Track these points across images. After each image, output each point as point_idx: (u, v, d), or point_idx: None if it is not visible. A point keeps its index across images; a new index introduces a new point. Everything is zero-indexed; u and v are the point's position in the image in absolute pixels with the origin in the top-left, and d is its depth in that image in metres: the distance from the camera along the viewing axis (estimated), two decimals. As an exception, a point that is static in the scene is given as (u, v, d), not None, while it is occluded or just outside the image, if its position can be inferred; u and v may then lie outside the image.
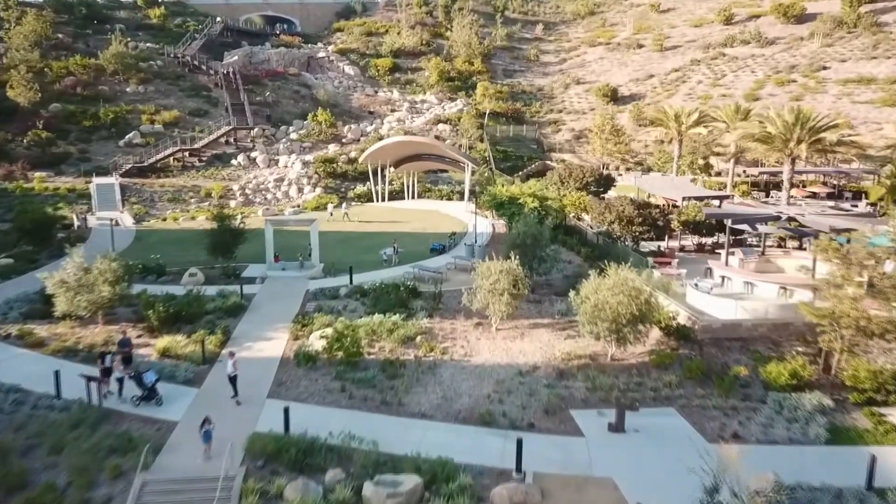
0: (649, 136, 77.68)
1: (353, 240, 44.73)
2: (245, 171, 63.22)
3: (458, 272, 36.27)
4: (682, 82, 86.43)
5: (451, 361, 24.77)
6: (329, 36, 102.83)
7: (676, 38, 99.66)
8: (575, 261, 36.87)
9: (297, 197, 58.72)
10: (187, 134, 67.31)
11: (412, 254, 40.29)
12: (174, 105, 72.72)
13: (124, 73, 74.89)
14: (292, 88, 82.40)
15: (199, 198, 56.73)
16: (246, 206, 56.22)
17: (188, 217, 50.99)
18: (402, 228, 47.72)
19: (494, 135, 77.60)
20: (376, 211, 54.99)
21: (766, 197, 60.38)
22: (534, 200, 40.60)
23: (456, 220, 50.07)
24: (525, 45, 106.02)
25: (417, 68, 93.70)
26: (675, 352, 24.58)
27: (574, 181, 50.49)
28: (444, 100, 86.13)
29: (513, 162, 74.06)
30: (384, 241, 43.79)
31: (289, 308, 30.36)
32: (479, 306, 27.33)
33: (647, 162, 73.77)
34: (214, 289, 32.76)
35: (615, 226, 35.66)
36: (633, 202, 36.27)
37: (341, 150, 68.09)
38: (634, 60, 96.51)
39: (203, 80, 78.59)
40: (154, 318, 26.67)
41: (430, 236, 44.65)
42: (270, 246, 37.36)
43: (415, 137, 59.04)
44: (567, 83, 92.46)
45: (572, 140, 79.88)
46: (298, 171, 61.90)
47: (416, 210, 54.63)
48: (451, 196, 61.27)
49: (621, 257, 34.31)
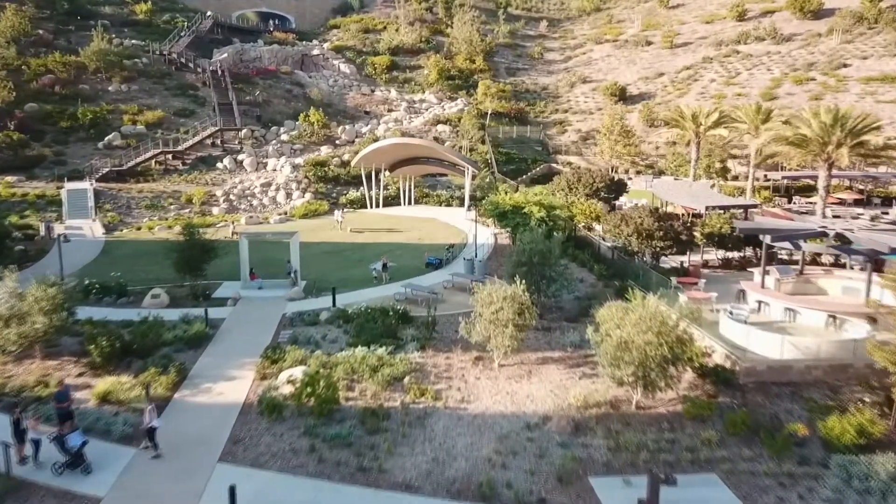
0: (660, 138, 73.62)
1: (343, 252, 40.75)
2: (231, 175, 59.27)
3: (456, 292, 32.30)
4: (693, 81, 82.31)
5: (445, 409, 20.76)
6: (325, 33, 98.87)
7: (687, 35, 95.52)
8: (587, 279, 32.84)
9: (285, 203, 54.74)
10: (171, 135, 63.35)
11: (405, 269, 36.35)
12: (159, 105, 68.76)
13: (107, 71, 70.92)
14: (284, 87, 78.44)
15: (179, 204, 52.76)
16: (229, 214, 52.27)
17: (164, 226, 47.00)
18: (395, 239, 43.73)
19: (497, 136, 73.59)
20: (369, 218, 51.00)
21: (789, 203, 56.38)
22: (540, 210, 36.61)
23: (454, 230, 46.06)
24: (529, 43, 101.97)
25: (416, 66, 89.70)
26: (713, 399, 20.52)
27: (583, 187, 46.48)
28: (444, 99, 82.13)
29: (516, 165, 70.01)
30: (376, 253, 39.84)
31: (259, 337, 26.40)
32: (479, 339, 23.35)
33: (659, 165, 69.70)
34: (180, 312, 28.83)
35: (632, 240, 31.62)
36: (653, 213, 32.23)
37: (334, 153, 64.12)
38: (643, 58, 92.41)
39: (190, 79, 74.60)
40: (97, 354, 22.70)
41: (426, 248, 40.67)
42: (245, 262, 33.43)
43: (411, 139, 55.07)
44: (573, 82, 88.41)
45: (579, 141, 75.80)
46: (287, 175, 57.94)
47: (412, 218, 50.64)
48: (450, 202, 57.27)
49: (640, 276, 30.30)
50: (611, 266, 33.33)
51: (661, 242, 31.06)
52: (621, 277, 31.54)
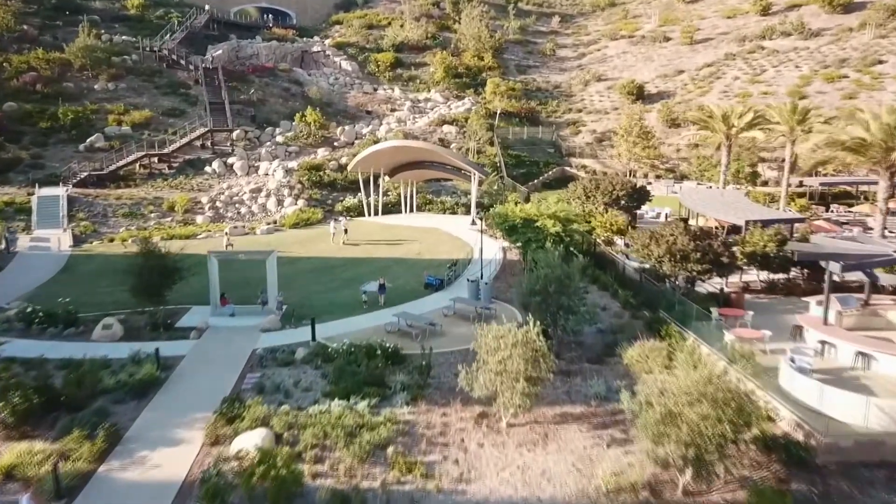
0: (681, 139, 68.80)
1: (332, 269, 36.31)
2: (220, 180, 55.03)
3: (458, 321, 27.81)
4: (716, 78, 77.34)
5: (439, 493, 16.26)
6: (326, 29, 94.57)
7: (707, 31, 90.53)
8: (611, 307, 28.23)
9: (275, 211, 50.42)
10: (158, 137, 59.21)
11: (402, 291, 31.95)
12: (147, 104, 64.65)
13: (93, 69, 66.92)
14: (281, 85, 74.17)
15: (160, 212, 48.54)
16: (214, 223, 48.01)
17: (140, 237, 42.68)
18: (392, 253, 39.24)
19: (506, 137, 69.03)
20: (367, 228, 46.54)
21: (827, 211, 51.49)
22: (555, 224, 32.03)
23: (459, 242, 41.51)
24: (540, 39, 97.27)
25: (421, 63, 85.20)
26: (785, 487, 15.91)
27: (602, 195, 41.84)
28: (451, 98, 77.60)
29: (527, 168, 65.45)
30: (370, 270, 35.44)
31: (220, 383, 21.99)
32: (483, 394, 18.86)
33: (681, 168, 64.92)
34: (135, 347, 24.53)
35: (664, 261, 26.98)
36: (688, 230, 27.54)
37: (331, 155, 59.77)
38: (661, 55, 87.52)
39: (182, 77, 70.49)
40: (8, 413, 18.38)
41: (426, 265, 36.18)
42: (215, 285, 29.04)
43: (412, 142, 50.61)
44: (587, 80, 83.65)
45: (594, 143, 71.07)
46: (279, 179, 53.61)
47: (413, 228, 46.15)
48: (454, 209, 52.74)
49: (674, 306, 25.66)
50: (638, 291, 28.68)
51: (698, 266, 26.40)
52: (651, 306, 26.93)
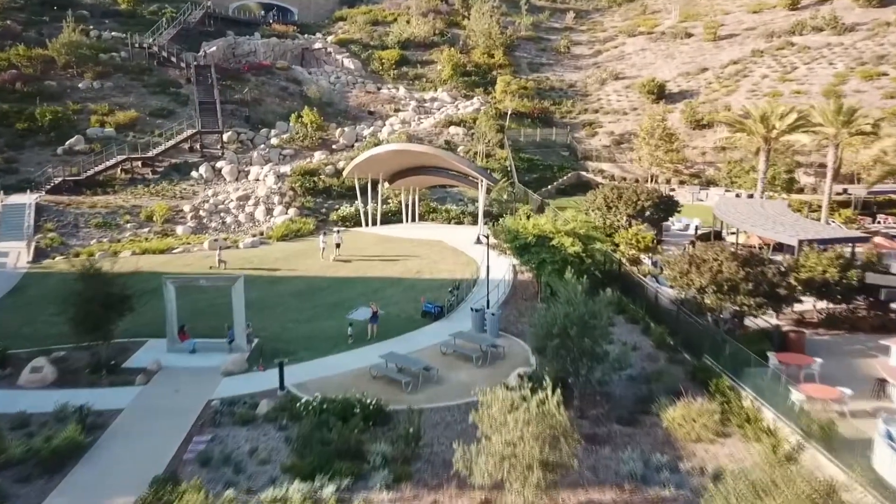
0: (706, 142, 63.85)
1: (318, 291, 31.78)
2: (206, 186, 50.79)
3: (458, 362, 23.28)
4: (742, 77, 72.23)
5: None
6: (329, 25, 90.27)
7: (732, 26, 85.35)
8: (642, 345, 23.53)
9: (264, 220, 46.07)
10: (144, 139, 55.13)
11: (395, 319, 27.52)
12: (134, 104, 60.60)
13: (78, 66, 63.02)
14: (279, 84, 69.92)
15: (137, 222, 44.31)
16: (196, 234, 43.74)
17: (110, 252, 38.50)
18: (388, 271, 34.68)
19: (517, 140, 64.37)
20: (363, 241, 42.07)
21: (873, 222, 46.44)
22: (574, 243, 27.36)
23: (463, 258, 36.95)
24: (554, 36, 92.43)
25: (428, 61, 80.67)
26: None
27: (625, 206, 37.14)
28: (459, 98, 73.04)
29: (540, 172, 60.75)
30: (360, 293, 30.97)
31: (158, 450, 17.56)
32: (485, 481, 14.28)
33: (707, 174, 59.99)
34: (68, 395, 20.23)
35: (709, 292, 22.25)
36: (736, 255, 22.77)
37: (327, 159, 55.38)
38: (683, 52, 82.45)
39: (173, 75, 66.42)
40: None
41: (425, 286, 31.68)
42: (173, 317, 24.64)
43: (414, 146, 46.08)
44: (603, 78, 78.74)
45: (611, 146, 66.24)
46: (270, 186, 49.27)
47: (414, 241, 41.63)
48: (460, 219, 48.15)
49: (720, 347, 20.94)
50: (675, 327, 23.90)
51: (750, 300, 21.64)
52: (692, 347, 22.22)
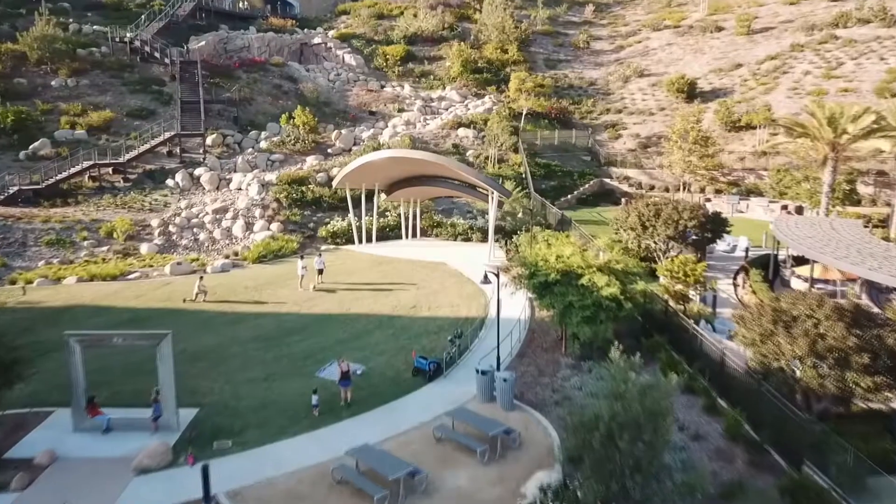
0: (744, 145, 57.30)
1: (287, 335, 25.69)
2: (182, 196, 45.02)
3: (457, 454, 17.17)
4: (782, 73, 65.47)
5: None
6: (332, 19, 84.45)
7: (767, 19, 78.48)
8: (706, 431, 17.25)
9: (243, 237, 40.17)
10: (118, 142, 49.54)
11: (379, 378, 21.48)
12: (111, 103, 55.05)
13: (53, 62, 57.58)
14: (272, 82, 64.10)
15: (96, 239, 38.60)
16: (163, 253, 37.94)
17: (52, 278, 32.73)
18: (377, 306, 28.58)
19: (533, 143, 58.15)
20: (353, 262, 36.07)
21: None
22: (611, 282, 21.13)
23: (469, 287, 30.81)
24: (572, 30, 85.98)
25: (436, 57, 74.56)
26: None
27: (664, 226, 30.82)
28: (469, 96, 66.92)
29: (558, 179, 54.55)
30: (340, 338, 24.99)
31: None
32: None
33: (747, 182, 53.47)
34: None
35: (806, 365, 15.96)
36: (842, 312, 16.45)
37: (321, 165, 49.42)
38: (713, 47, 75.74)
39: (157, 72, 60.80)
40: None
41: (421, 327, 25.63)
42: (79, 386, 18.67)
43: (414, 153, 39.94)
44: (627, 75, 72.21)
45: (637, 150, 59.83)
46: (253, 196, 43.38)
47: (412, 263, 35.59)
48: (468, 234, 42.01)
49: (823, 450, 14.64)
50: (753, 407, 17.50)
51: (868, 379, 15.32)
52: (780, 440, 15.92)
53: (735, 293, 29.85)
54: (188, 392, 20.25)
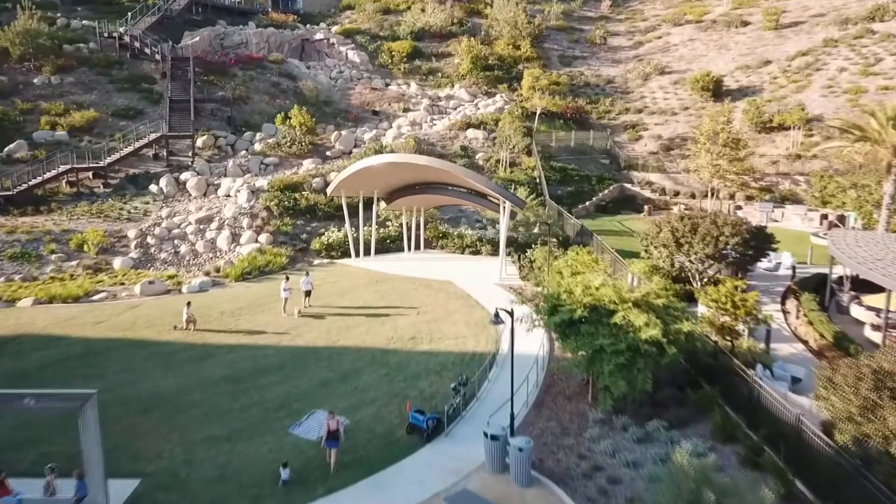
0: (776, 147, 53.00)
1: (261, 376, 21.73)
2: (165, 204, 41.34)
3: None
4: (815, 70, 61.04)
5: None
6: (336, 15, 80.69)
7: (796, 13, 73.93)
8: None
9: (228, 249, 36.39)
10: (101, 144, 46.00)
11: (366, 434, 17.63)
12: (97, 102, 51.56)
13: (38, 59, 54.17)
14: (270, 80, 60.36)
15: (65, 252, 34.93)
16: (139, 268, 34.23)
17: (7, 297, 29.07)
18: (370, 337, 24.65)
19: (548, 145, 54.09)
20: (346, 281, 32.19)
21: None
22: (651, 321, 17.12)
23: (477, 314, 26.85)
24: (588, 26, 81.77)
25: (445, 54, 70.61)
26: None
27: (702, 243, 26.73)
28: (479, 95, 62.96)
29: (575, 185, 50.44)
30: (323, 379, 21.15)
31: None
32: None
33: (781, 188, 49.18)
34: None
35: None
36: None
37: (318, 170, 45.60)
38: (739, 42, 71.31)
39: (147, 69, 57.24)
40: None
41: (420, 366, 21.73)
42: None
43: (417, 158, 35.93)
44: (647, 73, 67.99)
45: (660, 152, 55.63)
46: (241, 204, 39.62)
47: (414, 281, 31.69)
48: (477, 246, 38.03)
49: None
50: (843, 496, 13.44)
51: None
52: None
53: (786, 322, 25.70)
54: (130, 456, 16.51)
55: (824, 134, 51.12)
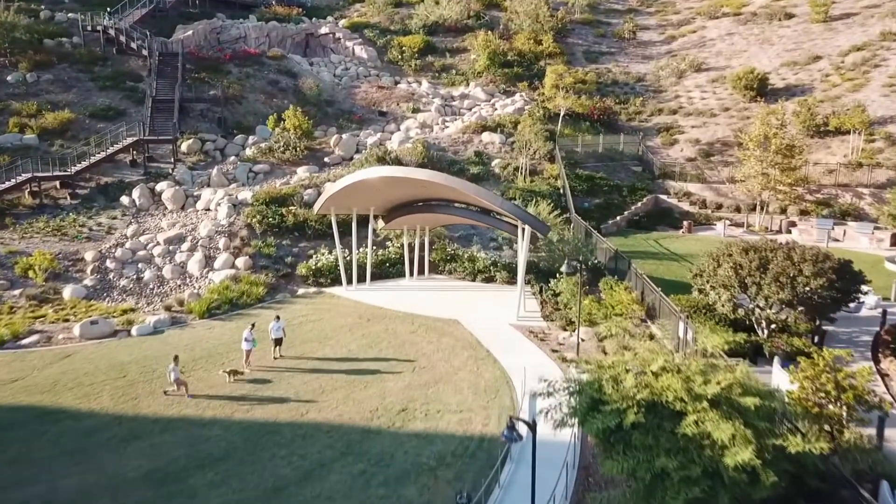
0: (833, 154, 46.74)
1: (199, 472, 16.31)
2: (134, 220, 36.25)
3: None
4: (873, 66, 54.55)
5: None
6: (344, 8, 75.38)
7: (847, 3, 67.21)
8: None
9: (200, 275, 31.16)
10: (74, 148, 41.21)
11: None
12: (74, 102, 46.79)
13: (14, 54, 49.60)
14: (268, 77, 55.17)
15: (7, 279, 29.92)
16: (92, 299, 29.10)
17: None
18: (348, 404, 19.12)
19: (573, 150, 48.32)
20: (331, 320, 26.77)
21: None
22: (740, 433, 11.43)
23: (489, 371, 21.27)
24: (615, 19, 75.60)
25: (460, 49, 65.05)
26: None
27: (775, 284, 20.94)
28: (496, 94, 57.33)
29: (604, 196, 44.58)
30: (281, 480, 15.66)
31: None
32: None
33: (841, 202, 42.95)
34: None
35: None
36: None
37: (312, 179, 40.28)
38: (783, 36, 64.86)
39: (134, 66, 52.39)
40: None
41: (411, 457, 16.25)
42: None
43: (419, 172, 30.23)
44: (681, 70, 61.81)
45: (698, 158, 49.55)
46: (220, 220, 34.39)
47: (413, 319, 26.20)
48: (490, 272, 32.42)
49: None
50: None
51: None
52: None
53: (887, 390, 19.82)
54: None
55: (891, 139, 44.85)
